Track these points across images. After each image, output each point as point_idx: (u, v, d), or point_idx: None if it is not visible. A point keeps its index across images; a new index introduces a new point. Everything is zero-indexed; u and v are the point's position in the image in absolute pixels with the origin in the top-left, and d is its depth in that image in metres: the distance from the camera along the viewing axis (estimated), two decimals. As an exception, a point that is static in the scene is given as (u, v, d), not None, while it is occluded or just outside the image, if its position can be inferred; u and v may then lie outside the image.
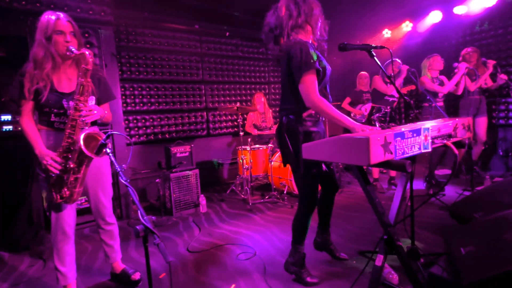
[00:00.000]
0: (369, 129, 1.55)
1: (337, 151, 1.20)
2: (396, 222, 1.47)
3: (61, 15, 1.77)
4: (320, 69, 1.75)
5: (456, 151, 1.35)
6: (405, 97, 1.96)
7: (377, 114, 3.96)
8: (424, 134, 1.25)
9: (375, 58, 1.81)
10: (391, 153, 1.14)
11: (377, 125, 3.85)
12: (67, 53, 1.73)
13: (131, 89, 4.33)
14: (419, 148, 1.25)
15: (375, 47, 1.77)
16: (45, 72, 1.73)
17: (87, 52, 1.70)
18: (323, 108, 1.63)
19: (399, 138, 1.17)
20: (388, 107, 3.97)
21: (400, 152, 1.17)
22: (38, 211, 2.95)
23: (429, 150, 1.31)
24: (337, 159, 1.24)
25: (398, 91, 1.85)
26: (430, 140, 1.30)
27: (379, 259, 1.48)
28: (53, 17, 1.73)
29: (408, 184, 1.76)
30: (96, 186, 2.02)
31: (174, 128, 4.75)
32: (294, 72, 1.71)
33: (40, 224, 2.96)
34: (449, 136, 1.43)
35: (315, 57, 1.72)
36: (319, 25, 1.89)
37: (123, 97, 4.22)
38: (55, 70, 1.80)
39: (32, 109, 1.81)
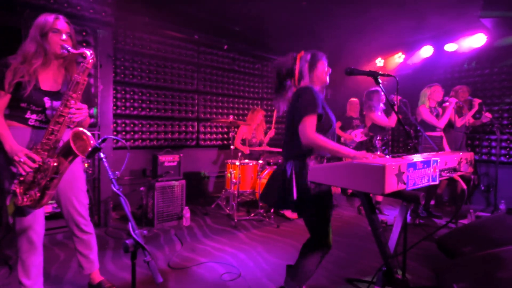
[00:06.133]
0: (372, 156, 1.52)
1: (348, 176, 1.16)
2: (396, 254, 1.43)
3: (60, 16, 1.77)
4: (323, 113, 1.72)
5: (464, 185, 1.34)
6: (406, 127, 1.97)
7: (378, 140, 3.95)
8: (433, 166, 1.24)
9: (380, 85, 1.82)
10: (404, 183, 1.11)
11: (379, 152, 3.85)
12: (61, 51, 1.70)
13: (123, 92, 4.22)
14: (428, 180, 1.23)
15: (382, 75, 1.78)
16: (33, 68, 1.67)
17: (88, 52, 1.68)
18: (319, 143, 1.59)
19: (411, 168, 1.14)
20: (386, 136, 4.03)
21: (411, 182, 1.14)
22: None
23: (437, 182, 1.29)
24: (347, 185, 1.20)
25: (399, 121, 1.86)
26: (438, 172, 1.28)
27: (376, 291, 1.43)
28: (52, 16, 1.74)
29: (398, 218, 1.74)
30: (69, 192, 1.89)
31: (163, 136, 4.63)
32: (297, 113, 1.69)
33: (9, 226, 2.74)
34: (454, 169, 1.43)
35: (319, 103, 1.71)
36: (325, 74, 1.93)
37: (114, 100, 4.09)
38: (43, 68, 1.75)
39: (7, 103, 1.69)
